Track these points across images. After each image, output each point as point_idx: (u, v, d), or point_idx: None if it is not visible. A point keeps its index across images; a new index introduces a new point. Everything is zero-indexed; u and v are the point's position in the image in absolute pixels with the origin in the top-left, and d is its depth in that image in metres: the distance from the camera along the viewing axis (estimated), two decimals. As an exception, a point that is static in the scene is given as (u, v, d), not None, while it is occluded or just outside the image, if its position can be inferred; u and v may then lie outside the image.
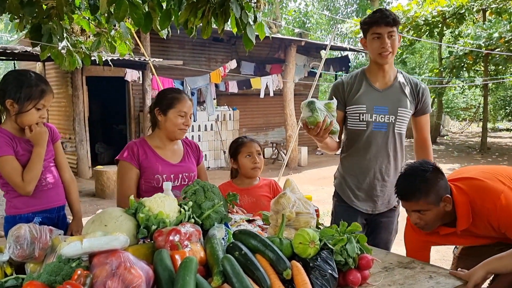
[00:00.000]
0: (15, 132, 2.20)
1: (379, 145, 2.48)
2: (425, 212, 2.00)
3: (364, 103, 2.47)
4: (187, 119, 2.42)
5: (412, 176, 2.02)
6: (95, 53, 4.46)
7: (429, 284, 1.71)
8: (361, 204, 2.54)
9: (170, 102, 2.41)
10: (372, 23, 2.40)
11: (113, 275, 1.25)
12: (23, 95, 2.13)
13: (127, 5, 2.76)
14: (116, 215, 1.60)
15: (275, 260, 1.51)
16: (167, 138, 2.46)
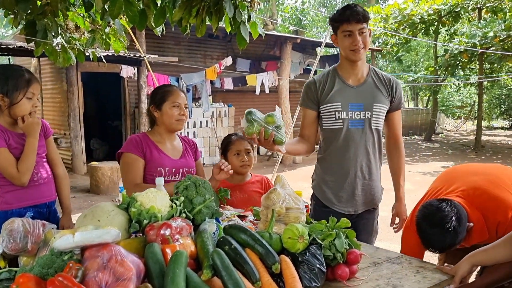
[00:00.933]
0: (8, 126, 2.23)
1: (357, 142, 2.44)
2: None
3: (339, 101, 2.42)
4: (182, 109, 2.46)
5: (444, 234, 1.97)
6: (90, 49, 4.47)
7: (415, 279, 1.75)
8: (342, 206, 2.49)
9: (163, 96, 2.46)
10: (342, 21, 2.35)
11: (104, 268, 1.27)
12: (11, 87, 2.17)
13: (121, 2, 2.79)
14: (108, 209, 1.63)
15: (264, 254, 1.54)
16: (167, 132, 2.51)
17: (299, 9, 24.66)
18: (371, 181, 2.50)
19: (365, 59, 2.51)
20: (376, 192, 2.54)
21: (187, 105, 2.53)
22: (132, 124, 10.51)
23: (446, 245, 1.98)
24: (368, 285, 1.68)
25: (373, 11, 13.37)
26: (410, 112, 21.19)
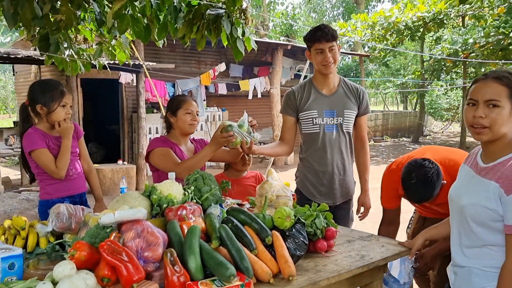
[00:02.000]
0: (47, 130, 2.67)
1: (332, 144, 2.86)
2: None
3: (315, 109, 2.85)
4: (194, 115, 2.86)
5: (421, 186, 2.35)
6: (96, 60, 4.85)
7: (380, 250, 2.18)
8: (323, 199, 2.87)
9: (178, 104, 2.86)
10: (314, 40, 2.79)
11: (138, 237, 1.68)
12: (48, 98, 2.61)
13: (129, 19, 3.13)
14: (135, 196, 2.05)
15: (259, 229, 1.96)
16: (182, 135, 2.90)
17: (290, 14, 25.14)
18: (345, 177, 2.94)
19: (336, 71, 2.95)
20: (350, 186, 3.00)
21: (198, 112, 2.93)
22: (130, 128, 10.88)
23: (426, 196, 2.38)
24: (342, 256, 2.10)
25: (360, 19, 13.88)
26: (399, 115, 21.73)
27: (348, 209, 3.03)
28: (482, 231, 1.68)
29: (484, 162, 1.74)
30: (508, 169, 1.61)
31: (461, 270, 1.77)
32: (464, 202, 1.73)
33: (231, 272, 1.63)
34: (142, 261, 1.64)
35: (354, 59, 23.82)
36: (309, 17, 29.37)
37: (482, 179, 1.69)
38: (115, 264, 1.55)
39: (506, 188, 1.58)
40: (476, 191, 1.69)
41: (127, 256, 1.58)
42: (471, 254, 1.73)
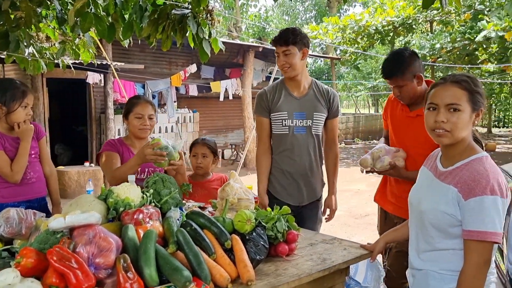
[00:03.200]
0: (4, 131, 2.57)
1: (301, 145, 2.87)
2: (402, 88, 2.46)
3: (286, 110, 2.85)
4: (145, 119, 2.75)
5: (391, 60, 2.49)
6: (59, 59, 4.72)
7: (342, 253, 2.16)
8: (289, 198, 2.89)
9: (129, 107, 2.79)
10: (274, 43, 2.83)
11: (90, 242, 1.62)
12: (8, 97, 2.50)
13: (92, 17, 3.05)
14: (90, 199, 1.97)
15: (218, 233, 1.92)
16: (135, 138, 2.83)
17: (263, 17, 25.22)
18: (313, 178, 2.94)
19: (306, 74, 2.94)
20: (317, 187, 2.98)
21: (153, 116, 2.81)
22: (98, 129, 10.66)
23: (395, 68, 2.44)
24: (303, 259, 2.08)
25: (331, 22, 14.02)
26: (370, 118, 22.06)
27: (316, 210, 3.03)
28: (440, 235, 1.68)
29: (443, 166, 1.74)
30: (466, 174, 1.61)
31: (418, 273, 1.78)
32: (423, 207, 1.73)
33: (187, 278, 1.59)
34: (93, 268, 1.57)
35: (326, 62, 24.05)
36: (281, 19, 29.49)
37: (441, 183, 1.69)
38: (64, 271, 1.48)
39: (464, 193, 1.59)
40: (435, 196, 1.70)
41: (76, 262, 1.51)
42: (428, 257, 1.74)
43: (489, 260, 1.57)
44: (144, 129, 2.78)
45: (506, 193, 1.58)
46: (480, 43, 10.95)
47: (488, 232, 1.54)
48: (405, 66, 2.42)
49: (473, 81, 1.69)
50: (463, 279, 1.59)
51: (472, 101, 1.66)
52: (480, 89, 1.67)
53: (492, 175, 1.57)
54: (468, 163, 1.64)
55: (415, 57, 2.47)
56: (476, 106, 1.66)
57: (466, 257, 1.59)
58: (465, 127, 1.65)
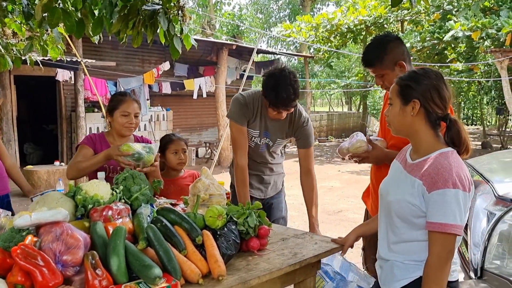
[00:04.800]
0: None
1: (263, 157, 2.97)
2: (384, 77, 2.36)
3: (258, 129, 2.86)
4: (131, 118, 2.71)
5: (371, 47, 2.39)
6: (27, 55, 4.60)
7: (313, 247, 2.19)
8: (254, 191, 3.00)
9: (115, 104, 2.73)
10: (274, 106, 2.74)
11: (57, 239, 1.58)
12: None
13: (60, 12, 2.98)
14: (57, 197, 1.93)
15: (189, 229, 1.91)
16: (118, 135, 2.78)
17: (237, 15, 25.19)
18: (275, 175, 3.10)
19: None
20: (278, 181, 3.14)
21: (138, 114, 2.78)
22: (69, 128, 10.46)
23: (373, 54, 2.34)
24: (275, 254, 2.09)
25: (304, 20, 14.11)
26: (343, 116, 22.33)
27: (281, 199, 3.16)
28: (405, 226, 1.72)
29: (412, 158, 1.78)
30: (431, 167, 1.65)
31: (385, 264, 1.81)
32: (390, 198, 1.77)
33: (157, 274, 1.58)
34: (60, 265, 1.54)
35: (300, 60, 24.21)
36: (255, 18, 29.51)
37: (408, 175, 1.73)
38: (29, 269, 1.45)
39: (428, 186, 1.63)
40: (402, 187, 1.74)
41: (42, 260, 1.48)
42: (394, 248, 1.77)
43: (451, 251, 1.61)
44: (130, 128, 2.73)
45: (468, 187, 1.62)
46: (449, 43, 11.21)
47: (449, 224, 1.58)
48: (384, 54, 2.30)
49: (407, 74, 1.77)
50: (427, 270, 1.64)
51: (401, 94, 1.74)
52: (411, 82, 1.72)
53: (455, 169, 1.61)
54: (433, 157, 1.68)
55: (397, 43, 2.34)
56: (406, 99, 1.73)
57: (430, 248, 1.64)
58: (399, 119, 1.76)
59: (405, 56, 2.34)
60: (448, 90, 1.73)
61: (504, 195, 2.26)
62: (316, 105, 34.43)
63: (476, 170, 2.88)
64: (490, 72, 13.63)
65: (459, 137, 1.69)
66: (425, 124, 1.72)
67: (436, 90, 1.70)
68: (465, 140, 1.69)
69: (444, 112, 1.71)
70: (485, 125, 19.85)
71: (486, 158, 3.52)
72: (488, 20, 10.09)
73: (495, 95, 16.27)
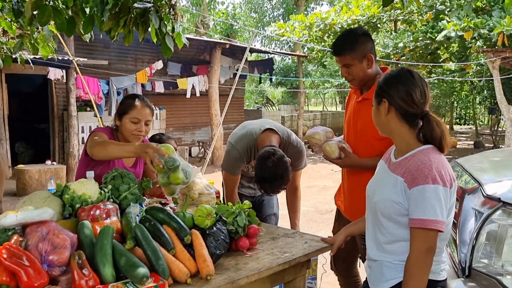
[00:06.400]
0: None
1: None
2: (351, 67, 2.39)
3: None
4: (141, 125, 2.48)
5: (343, 36, 2.44)
6: (17, 53, 4.57)
7: (303, 247, 2.18)
8: (244, 190, 3.11)
9: (125, 108, 2.52)
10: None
11: (44, 239, 1.57)
12: None
13: (50, 10, 2.95)
14: (44, 196, 1.92)
15: (178, 228, 1.90)
16: (124, 140, 2.56)
17: (230, 14, 25.15)
18: None
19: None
20: None
21: (150, 122, 2.56)
22: (60, 127, 10.40)
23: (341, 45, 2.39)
24: (264, 253, 2.09)
25: (298, 20, 14.11)
26: (336, 115, 22.38)
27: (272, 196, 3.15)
28: (391, 225, 1.73)
29: (395, 157, 1.79)
30: (412, 164, 1.66)
31: (374, 264, 1.81)
32: (376, 198, 1.78)
33: (144, 274, 1.57)
34: (46, 265, 1.53)
35: (294, 60, 24.22)
36: (249, 17, 29.47)
37: (391, 174, 1.74)
38: (14, 269, 1.44)
39: (409, 183, 1.64)
40: (386, 186, 1.74)
41: (28, 260, 1.47)
42: (383, 249, 1.77)
43: (432, 248, 1.62)
44: (138, 136, 2.52)
45: (450, 183, 1.63)
46: (441, 42, 11.24)
47: (429, 220, 1.59)
48: (356, 44, 2.36)
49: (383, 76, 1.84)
50: (408, 266, 1.64)
51: (375, 95, 1.81)
52: (382, 82, 1.79)
53: (435, 165, 1.62)
54: (414, 154, 1.70)
55: (367, 38, 2.42)
56: (378, 99, 1.80)
57: (411, 244, 1.64)
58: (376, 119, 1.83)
59: (373, 52, 2.41)
60: (421, 88, 1.72)
61: (492, 194, 2.27)
62: (310, 105, 34.45)
63: (465, 169, 2.89)
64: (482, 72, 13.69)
65: (433, 134, 1.70)
66: (400, 123, 1.74)
67: (405, 89, 1.71)
68: (440, 137, 1.70)
69: (417, 110, 1.72)
70: (477, 124, 19.95)
71: (476, 157, 3.53)
72: (480, 20, 10.14)
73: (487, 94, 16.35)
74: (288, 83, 25.02)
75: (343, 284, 2.87)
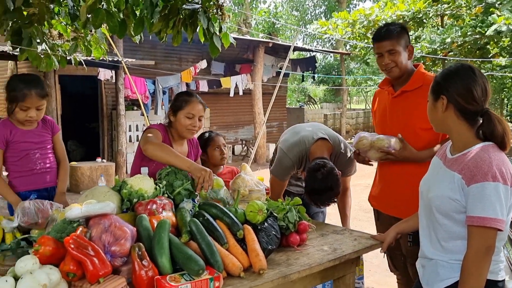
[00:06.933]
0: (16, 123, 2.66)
1: None
2: (395, 54, 2.42)
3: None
4: (195, 120, 2.59)
5: (386, 25, 2.52)
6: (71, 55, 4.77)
7: (352, 244, 2.19)
8: (292, 188, 3.08)
9: (180, 104, 2.62)
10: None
11: (106, 231, 1.66)
12: (10, 98, 2.62)
13: (104, 13, 3.08)
14: (104, 191, 2.01)
15: (230, 223, 1.95)
16: (178, 136, 2.68)
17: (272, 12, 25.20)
18: None
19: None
20: None
21: (203, 117, 2.66)
22: (109, 125, 10.75)
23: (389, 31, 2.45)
24: (314, 249, 2.11)
25: (341, 17, 13.95)
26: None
27: None
28: (447, 222, 1.69)
29: (451, 153, 1.76)
30: (470, 161, 1.63)
31: (428, 263, 1.78)
32: (431, 195, 1.75)
33: (200, 266, 1.62)
34: (109, 256, 1.61)
35: (336, 58, 23.97)
36: (291, 15, 29.40)
37: (448, 170, 1.71)
38: (81, 258, 1.53)
39: (467, 179, 1.61)
40: (442, 182, 1.71)
41: (93, 250, 1.55)
42: (438, 247, 1.74)
43: (491, 247, 1.58)
44: (192, 130, 2.63)
45: (510, 181, 1.59)
46: (491, 37, 10.80)
47: (488, 218, 1.55)
48: (400, 32, 2.45)
49: (441, 71, 1.82)
50: (466, 265, 1.61)
51: (433, 90, 1.79)
52: (441, 78, 1.76)
53: (496, 162, 1.58)
54: (473, 151, 1.66)
55: (406, 31, 2.52)
56: (435, 95, 1.77)
57: (469, 243, 1.61)
58: (432, 115, 1.81)
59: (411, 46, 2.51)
60: (482, 85, 1.68)
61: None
62: (352, 103, 33.98)
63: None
64: (536, 67, 13.06)
65: (494, 132, 1.65)
66: (458, 120, 1.71)
67: (465, 86, 1.68)
68: (502, 135, 1.65)
69: (477, 107, 1.68)
70: (529, 122, 19.06)
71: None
72: (534, 13, 9.70)
73: (541, 90, 15.59)
74: (330, 81, 24.79)
75: (402, 283, 2.80)
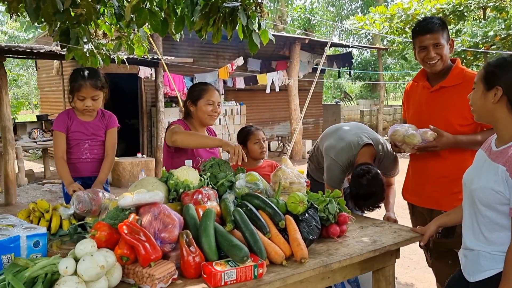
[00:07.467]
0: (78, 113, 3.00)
1: None
2: (440, 47, 2.44)
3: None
4: (215, 106, 2.80)
5: (430, 17, 2.53)
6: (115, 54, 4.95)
7: (392, 236, 2.21)
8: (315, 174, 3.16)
9: (199, 93, 2.82)
10: None
11: (156, 219, 1.75)
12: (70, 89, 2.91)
13: (147, 13, 3.19)
14: (152, 181, 2.12)
15: (272, 214, 2.01)
16: (200, 125, 2.87)
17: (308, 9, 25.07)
18: None
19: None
20: None
21: (220, 103, 2.87)
22: (149, 122, 11.03)
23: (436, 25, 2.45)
24: (354, 241, 2.14)
25: (378, 11, 13.74)
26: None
27: None
28: (490, 214, 1.70)
29: (496, 146, 1.76)
30: None
31: (470, 253, 1.79)
32: (474, 186, 1.76)
33: (245, 254, 1.69)
34: (159, 242, 1.71)
35: (373, 53, 23.62)
36: (327, 11, 29.19)
37: (492, 162, 1.71)
38: (134, 243, 1.63)
39: (511, 172, 1.60)
40: (486, 174, 1.72)
41: (144, 236, 1.65)
42: (481, 238, 1.75)
43: None
44: (213, 116, 2.82)
45: None
46: (538, 29, 10.44)
47: None
48: (446, 26, 2.47)
49: (496, 60, 1.78)
50: (509, 256, 1.61)
51: (485, 79, 1.75)
52: (497, 68, 1.72)
53: None
54: None
55: (446, 25, 2.52)
56: (489, 85, 1.73)
57: None
58: (479, 104, 1.77)
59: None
60: None
61: None
62: (389, 99, 33.38)
63: None
64: None
65: None
66: (508, 112, 1.70)
67: None
68: None
69: None
70: None
71: None
72: None
73: None
74: (367, 77, 24.46)
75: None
